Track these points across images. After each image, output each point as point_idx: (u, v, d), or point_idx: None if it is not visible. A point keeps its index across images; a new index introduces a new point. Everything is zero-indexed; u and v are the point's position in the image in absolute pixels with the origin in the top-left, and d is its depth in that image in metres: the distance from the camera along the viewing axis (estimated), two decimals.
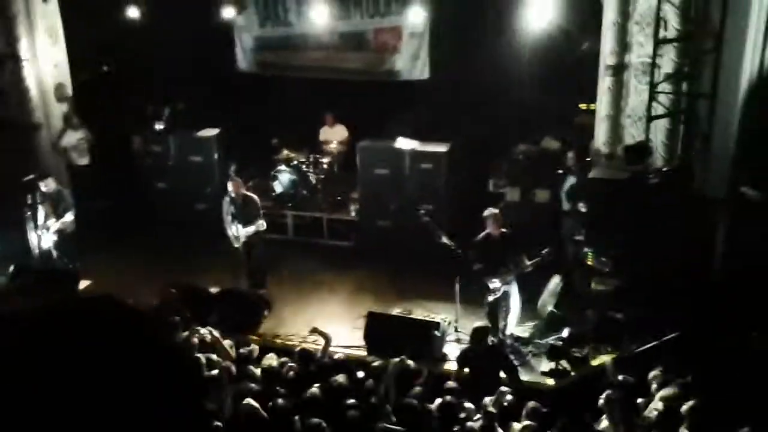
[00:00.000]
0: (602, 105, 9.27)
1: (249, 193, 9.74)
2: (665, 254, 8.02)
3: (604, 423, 5.63)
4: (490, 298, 8.10)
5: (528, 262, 8.03)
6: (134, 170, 12.19)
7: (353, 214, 11.54)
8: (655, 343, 7.54)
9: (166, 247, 10.98)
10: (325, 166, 12.12)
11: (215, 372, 6.48)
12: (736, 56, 7.95)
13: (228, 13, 12.11)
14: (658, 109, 8.55)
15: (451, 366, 7.79)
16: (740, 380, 6.06)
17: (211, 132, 11.76)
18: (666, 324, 7.61)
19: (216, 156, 11.62)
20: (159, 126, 11.87)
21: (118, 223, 11.32)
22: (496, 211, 8.31)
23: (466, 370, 7.31)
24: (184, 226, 11.23)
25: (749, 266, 7.82)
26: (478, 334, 7.27)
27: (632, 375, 6.50)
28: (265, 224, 9.53)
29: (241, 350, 7.52)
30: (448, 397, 6.15)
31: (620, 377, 6.39)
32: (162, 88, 12.49)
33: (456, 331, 8.55)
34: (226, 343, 7.40)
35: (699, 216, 8.17)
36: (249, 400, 5.81)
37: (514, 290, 8.20)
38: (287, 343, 8.54)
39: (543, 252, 7.95)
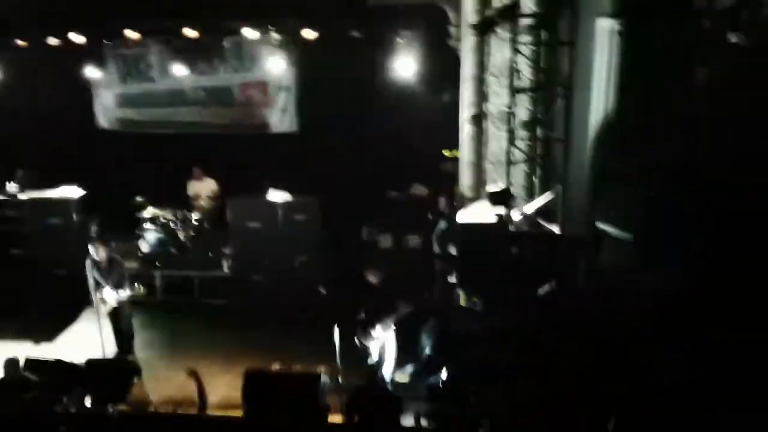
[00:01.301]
0: (465, 152, 9.68)
1: (114, 256, 9.30)
2: (533, 292, 8.38)
3: None
4: (370, 345, 8.10)
5: (404, 309, 8.12)
6: None
7: (226, 270, 11.26)
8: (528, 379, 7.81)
9: (25, 318, 10.24)
10: (194, 222, 11.81)
11: None
12: (583, 103, 8.55)
13: (89, 71, 11.72)
14: (516, 155, 9.02)
15: (335, 417, 7.67)
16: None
17: (69, 192, 11.17)
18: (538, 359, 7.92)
19: (76, 218, 11.02)
20: (12, 188, 11.16)
21: None
22: (375, 263, 8.37)
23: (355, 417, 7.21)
24: (44, 294, 10.54)
25: (608, 301, 8.30)
26: (370, 375, 7.24)
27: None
28: (142, 288, 9.11)
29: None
30: None
31: None
32: (15, 148, 11.81)
33: (338, 381, 8.45)
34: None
35: (561, 254, 8.61)
36: None
37: (390, 336, 8.24)
38: (159, 410, 8.11)
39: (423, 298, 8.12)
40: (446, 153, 11.09)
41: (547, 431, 6.04)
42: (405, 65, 10.30)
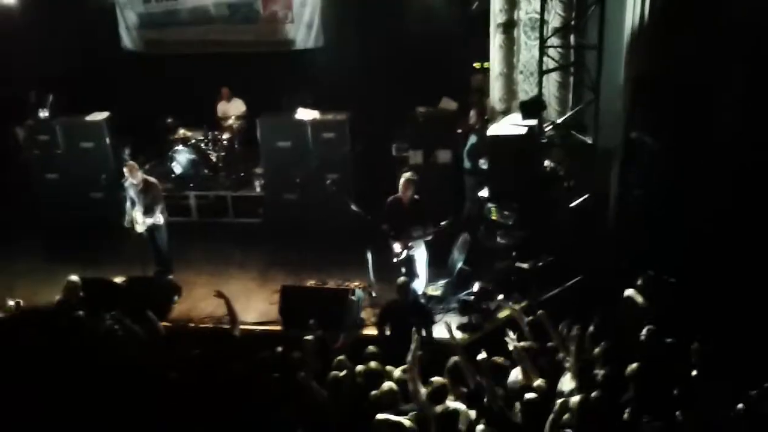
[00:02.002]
0: (495, 63, 9.44)
1: (149, 178, 9.40)
2: (564, 204, 8.34)
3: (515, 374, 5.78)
4: (395, 260, 8.21)
5: (430, 230, 8.15)
6: (20, 163, 11.54)
7: (258, 189, 11.35)
8: (559, 289, 7.90)
9: (64, 240, 10.52)
10: (224, 142, 11.85)
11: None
12: (618, 7, 8.22)
13: None
14: (549, 64, 8.76)
15: (369, 331, 7.88)
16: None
17: (100, 116, 11.23)
18: (569, 271, 7.99)
19: (108, 141, 11.10)
20: (44, 113, 11.24)
21: (8, 221, 10.74)
22: (411, 176, 8.31)
23: (387, 329, 7.38)
24: (80, 217, 10.78)
25: (641, 210, 8.24)
26: (401, 289, 7.35)
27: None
28: (162, 218, 9.21)
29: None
30: (372, 363, 6.16)
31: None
32: (43, 73, 11.83)
33: (371, 296, 8.61)
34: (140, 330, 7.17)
35: (593, 164, 8.50)
36: None
37: (420, 252, 8.31)
38: (201, 326, 8.38)
39: (444, 223, 8.11)
40: (476, 65, 10.83)
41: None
42: None
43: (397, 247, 8.19)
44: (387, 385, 5.43)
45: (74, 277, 7.86)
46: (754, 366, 5.54)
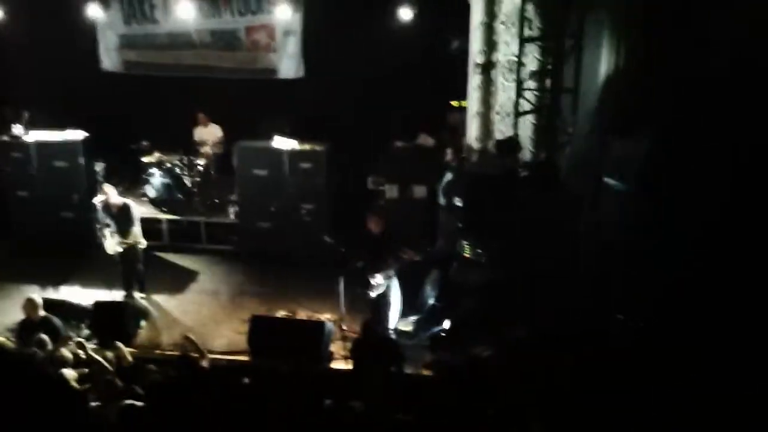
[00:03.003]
0: (472, 102, 9.57)
1: (125, 200, 9.32)
2: (536, 244, 8.41)
3: None
4: (372, 294, 8.19)
5: (406, 256, 8.20)
6: None
7: (232, 216, 11.30)
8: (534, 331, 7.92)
9: (33, 259, 10.35)
10: (200, 168, 11.81)
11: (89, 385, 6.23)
12: (594, 54, 8.41)
13: (92, 11, 11.52)
14: (524, 106, 8.93)
15: (338, 365, 7.84)
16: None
17: (76, 135, 11.14)
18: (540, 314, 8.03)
19: (82, 160, 11.01)
20: (18, 130, 11.12)
21: None
22: (377, 212, 8.37)
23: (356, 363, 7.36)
24: (50, 237, 10.64)
25: (609, 254, 8.32)
26: (364, 324, 7.34)
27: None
28: (144, 242, 9.19)
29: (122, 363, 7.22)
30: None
31: None
32: (19, 90, 11.74)
33: (341, 330, 8.58)
34: (105, 355, 7.06)
35: (564, 206, 8.59)
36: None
37: (395, 285, 8.32)
38: (167, 353, 8.27)
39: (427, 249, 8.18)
40: (454, 103, 10.98)
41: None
42: (414, 11, 10.13)
43: (375, 278, 8.17)
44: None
45: (34, 296, 7.74)
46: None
